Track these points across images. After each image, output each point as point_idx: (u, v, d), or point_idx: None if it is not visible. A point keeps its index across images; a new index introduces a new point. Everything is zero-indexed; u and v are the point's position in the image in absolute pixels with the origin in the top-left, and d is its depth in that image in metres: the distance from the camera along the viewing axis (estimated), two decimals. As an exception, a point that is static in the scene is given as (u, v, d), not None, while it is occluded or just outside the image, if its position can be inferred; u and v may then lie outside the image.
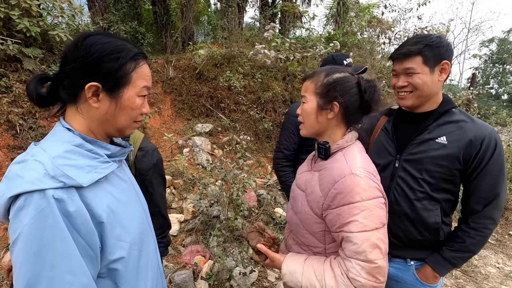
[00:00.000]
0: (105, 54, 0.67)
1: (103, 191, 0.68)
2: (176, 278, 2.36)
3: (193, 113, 5.26)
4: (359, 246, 0.82)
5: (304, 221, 0.98)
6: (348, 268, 0.85)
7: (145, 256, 0.77)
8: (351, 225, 0.83)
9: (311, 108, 0.96)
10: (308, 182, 0.99)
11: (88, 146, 0.68)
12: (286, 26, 7.51)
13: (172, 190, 3.43)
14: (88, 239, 0.62)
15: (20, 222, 0.57)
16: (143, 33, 7.32)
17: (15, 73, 3.21)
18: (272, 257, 1.00)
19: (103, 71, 0.67)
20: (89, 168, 0.65)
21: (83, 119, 0.70)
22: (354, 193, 0.83)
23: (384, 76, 5.86)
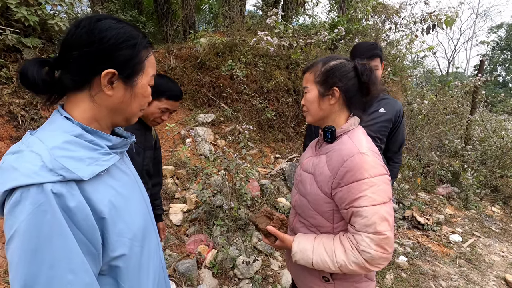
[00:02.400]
0: (123, 41, 0.64)
1: (104, 184, 0.64)
2: (180, 267, 2.38)
3: (195, 103, 5.22)
4: (369, 219, 0.87)
5: (313, 202, 1.02)
6: (358, 242, 0.89)
7: (147, 252, 0.74)
8: (361, 200, 0.88)
9: (313, 97, 1.02)
10: (316, 164, 1.03)
11: (88, 136, 0.63)
12: (289, 13, 7.35)
13: (175, 180, 3.43)
14: (89, 236, 0.59)
15: (16, 218, 0.53)
16: (144, 22, 7.21)
17: (15, 63, 3.18)
18: (282, 238, 1.04)
19: (121, 58, 0.64)
20: (90, 160, 0.61)
21: (90, 106, 0.65)
22: (362, 170, 0.89)
23: (389, 63, 5.74)
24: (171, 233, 2.78)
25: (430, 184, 4.82)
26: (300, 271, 1.11)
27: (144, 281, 0.73)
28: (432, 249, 3.33)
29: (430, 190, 4.86)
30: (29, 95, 3.12)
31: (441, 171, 4.99)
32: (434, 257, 3.19)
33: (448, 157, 5.19)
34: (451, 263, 3.10)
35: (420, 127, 5.31)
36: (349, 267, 0.90)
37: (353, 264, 0.90)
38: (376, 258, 0.88)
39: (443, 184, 5.06)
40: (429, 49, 6.23)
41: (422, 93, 6.11)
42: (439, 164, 4.87)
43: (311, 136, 1.87)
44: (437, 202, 4.47)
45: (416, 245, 3.37)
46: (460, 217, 4.25)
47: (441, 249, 3.38)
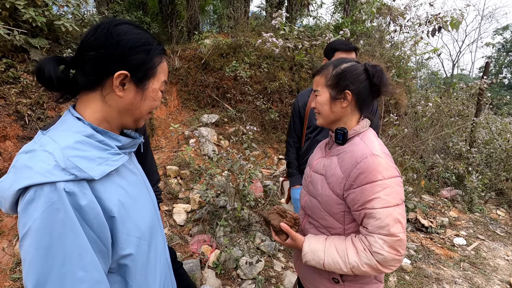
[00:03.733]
0: (138, 45, 0.66)
1: (113, 184, 0.65)
2: (184, 267, 2.39)
3: (199, 104, 5.24)
4: (382, 220, 0.87)
5: (324, 203, 1.02)
6: (370, 243, 0.89)
7: (154, 251, 0.76)
8: (374, 201, 0.88)
9: (325, 100, 1.02)
10: (327, 166, 1.03)
11: (98, 137, 0.65)
12: (293, 15, 7.35)
13: (179, 180, 3.45)
14: (100, 234, 0.60)
15: (29, 216, 0.54)
16: (148, 23, 7.25)
17: (22, 63, 3.22)
18: (294, 236, 1.04)
19: (135, 61, 0.66)
20: (100, 160, 0.62)
21: (101, 107, 0.67)
22: (376, 172, 0.89)
23: (393, 65, 5.72)
24: (174, 233, 2.80)
25: (434, 186, 4.80)
26: (309, 273, 1.12)
27: (151, 279, 0.74)
28: (436, 252, 3.31)
29: (434, 192, 4.83)
30: (36, 95, 3.15)
31: (446, 173, 4.96)
32: (438, 260, 3.17)
33: (452, 159, 5.16)
34: (455, 266, 3.08)
35: (424, 129, 5.28)
36: (362, 268, 0.90)
37: (365, 266, 0.90)
38: (389, 259, 0.88)
39: (447, 187, 5.03)
40: (434, 51, 6.21)
41: (427, 95, 6.08)
42: (444, 166, 4.84)
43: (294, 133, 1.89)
44: (441, 205, 4.44)
45: (419, 247, 3.36)
46: (464, 220, 4.22)
47: (445, 252, 3.36)
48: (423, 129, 5.33)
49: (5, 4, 2.99)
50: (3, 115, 2.91)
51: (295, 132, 1.92)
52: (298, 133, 1.90)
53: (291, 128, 1.95)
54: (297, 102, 1.87)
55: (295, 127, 1.91)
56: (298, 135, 1.90)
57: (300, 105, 1.86)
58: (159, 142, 4.31)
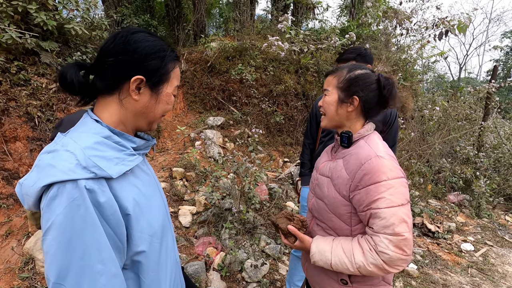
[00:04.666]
0: (154, 52, 0.70)
1: (128, 183, 0.69)
2: (189, 269, 2.40)
3: (204, 106, 5.27)
4: (387, 220, 0.88)
5: (330, 205, 1.04)
6: (376, 243, 0.90)
7: (165, 249, 0.78)
8: (379, 201, 0.89)
9: (332, 101, 1.05)
10: (333, 168, 1.05)
11: (115, 138, 0.68)
12: (298, 18, 7.38)
13: (184, 182, 3.47)
14: (116, 230, 0.63)
15: (53, 212, 0.57)
16: (155, 26, 7.33)
17: (33, 66, 3.28)
18: (302, 238, 1.06)
19: (150, 67, 0.70)
20: (117, 160, 0.66)
21: (118, 110, 0.71)
22: (380, 173, 0.90)
23: (400, 68, 5.70)
24: (180, 235, 2.81)
25: (441, 191, 4.74)
26: (317, 274, 1.13)
27: (162, 276, 0.76)
28: (442, 258, 3.27)
29: (441, 197, 4.78)
30: (46, 97, 3.21)
31: (453, 178, 4.90)
32: (445, 266, 3.13)
33: (460, 164, 5.11)
34: (462, 272, 3.03)
35: (431, 133, 5.24)
36: (368, 268, 0.91)
37: (371, 265, 0.91)
38: (395, 259, 0.88)
39: (455, 192, 4.97)
40: (441, 54, 6.17)
41: (433, 99, 6.03)
42: (451, 171, 4.79)
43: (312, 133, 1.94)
44: (448, 210, 4.39)
45: (426, 253, 3.32)
46: (472, 225, 4.17)
47: (452, 257, 3.32)
48: (429, 133, 5.28)
49: (18, 8, 3.06)
50: (14, 117, 2.97)
51: (311, 134, 2.00)
52: (314, 135, 1.97)
53: (307, 130, 2.03)
54: (315, 106, 1.95)
55: (311, 130, 1.99)
56: (314, 138, 1.97)
57: (317, 109, 1.93)
58: (165, 144, 4.35)
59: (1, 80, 2.99)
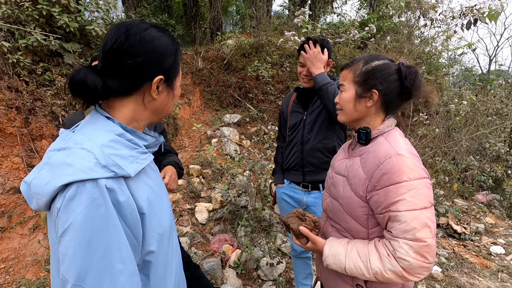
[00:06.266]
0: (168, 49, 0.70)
1: (142, 182, 0.68)
2: (205, 265, 2.42)
3: (221, 104, 5.29)
4: (408, 224, 0.81)
5: (346, 206, 0.98)
6: (395, 248, 0.84)
7: (172, 248, 0.78)
8: (399, 204, 0.83)
9: (350, 97, 0.98)
10: (350, 167, 0.99)
11: (128, 136, 0.68)
12: (316, 12, 7.22)
13: (201, 179, 3.50)
14: (134, 229, 0.63)
15: (72, 212, 0.56)
16: (173, 25, 7.44)
17: (57, 67, 3.42)
18: (314, 239, 1.01)
19: (167, 65, 0.70)
20: (132, 158, 0.65)
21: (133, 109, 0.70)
22: (401, 172, 0.84)
23: (423, 61, 5.44)
24: (196, 231, 2.84)
25: (468, 190, 4.50)
26: (332, 278, 1.08)
27: (168, 275, 0.76)
28: (469, 261, 3.10)
29: (468, 196, 4.53)
30: (69, 97, 3.33)
31: (481, 176, 4.63)
32: (472, 269, 2.96)
33: (489, 161, 4.81)
34: (492, 276, 2.86)
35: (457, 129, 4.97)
36: (385, 275, 0.85)
37: (389, 272, 0.84)
38: (415, 267, 0.82)
39: (483, 191, 4.70)
40: (468, 46, 5.82)
41: (460, 93, 5.71)
42: (479, 169, 4.52)
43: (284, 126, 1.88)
44: (476, 210, 4.15)
45: (451, 255, 3.16)
46: (502, 227, 3.92)
47: (480, 261, 3.14)
48: (456, 129, 5.01)
49: (42, 12, 3.19)
50: (40, 116, 3.10)
51: (281, 133, 1.93)
52: (284, 133, 1.90)
53: (278, 130, 1.97)
54: (283, 103, 1.89)
55: (281, 129, 1.93)
56: (284, 136, 1.90)
57: (284, 106, 1.88)
58: (183, 141, 4.41)
59: (28, 81, 3.14)
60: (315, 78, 1.53)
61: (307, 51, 1.55)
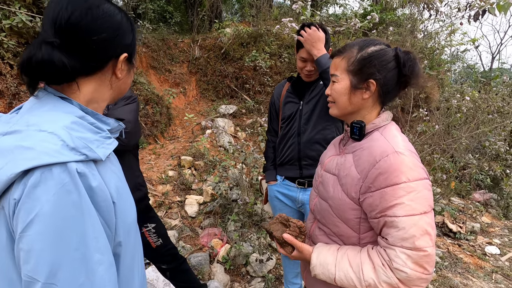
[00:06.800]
0: (128, 26, 0.66)
1: (109, 169, 0.62)
2: (192, 260, 2.35)
3: (217, 94, 5.17)
4: (406, 231, 0.74)
5: (336, 208, 0.89)
6: (391, 258, 0.76)
7: (137, 241, 0.73)
8: (396, 208, 0.75)
9: (343, 88, 0.87)
10: (341, 165, 0.90)
11: (89, 119, 0.61)
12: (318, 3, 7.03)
13: (192, 171, 3.41)
14: (107, 217, 0.58)
15: (37, 201, 0.49)
16: (171, 12, 7.24)
17: (45, 50, 3.27)
18: (300, 247, 0.91)
19: (128, 41, 0.66)
20: (98, 142, 0.59)
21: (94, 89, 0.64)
22: (399, 172, 0.75)
23: (426, 56, 5.31)
24: (185, 225, 2.76)
25: (465, 188, 4.43)
26: (318, 285, 0.99)
27: (136, 269, 0.71)
28: (464, 260, 3.04)
29: (465, 195, 4.47)
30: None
31: (479, 175, 4.56)
32: (466, 269, 2.91)
33: (488, 160, 4.74)
34: (486, 277, 2.81)
35: (457, 126, 4.88)
36: (379, 287, 0.77)
37: (384, 284, 0.76)
38: (413, 278, 0.74)
39: (481, 190, 4.64)
40: (472, 41, 5.69)
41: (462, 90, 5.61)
42: (477, 167, 4.45)
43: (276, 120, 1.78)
44: (472, 209, 4.10)
45: (446, 254, 3.10)
46: (498, 227, 3.87)
47: (475, 261, 3.09)
48: (455, 126, 4.92)
49: (28, -9, 3.03)
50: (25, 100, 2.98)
51: (272, 126, 1.83)
52: (275, 126, 1.80)
53: (268, 123, 1.86)
54: (273, 94, 1.79)
55: (272, 122, 1.82)
56: (275, 129, 1.80)
57: (275, 97, 1.77)
58: (176, 132, 4.30)
59: (12, 64, 3.00)
60: (318, 61, 1.41)
61: (303, 35, 1.44)
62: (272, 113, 1.81)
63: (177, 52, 5.56)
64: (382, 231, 0.79)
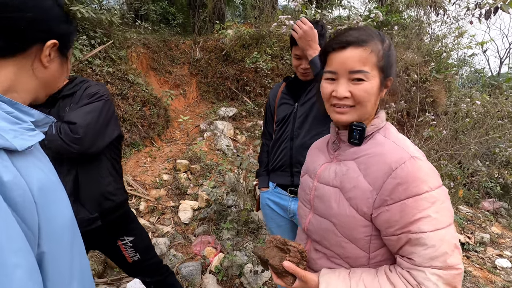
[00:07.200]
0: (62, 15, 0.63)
1: (31, 163, 0.54)
2: (183, 270, 2.22)
3: (218, 96, 5.07)
4: (436, 249, 0.64)
5: (342, 226, 0.76)
6: (419, 281, 0.65)
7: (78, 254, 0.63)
8: (421, 222, 0.65)
9: (374, 88, 0.73)
10: (343, 175, 0.77)
11: (5, 107, 0.53)
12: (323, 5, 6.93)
13: (188, 175, 3.29)
14: (26, 215, 0.49)
15: None
16: (173, 13, 7.20)
17: (39, 50, 3.21)
18: (304, 277, 0.76)
19: (61, 31, 0.63)
20: (15, 132, 0.51)
21: (12, 76, 0.58)
22: (420, 181, 0.66)
23: (432, 59, 5.15)
24: (178, 232, 2.64)
25: (474, 197, 4.24)
26: None
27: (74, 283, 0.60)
28: (473, 274, 2.87)
29: (474, 203, 4.29)
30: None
31: (489, 183, 4.37)
32: (475, 284, 2.74)
33: (498, 167, 4.55)
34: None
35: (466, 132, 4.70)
36: None
37: None
38: None
39: (490, 198, 4.44)
40: (481, 44, 5.52)
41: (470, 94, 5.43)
42: (487, 175, 4.27)
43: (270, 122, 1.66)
44: (481, 218, 3.92)
45: (453, 267, 2.93)
46: (509, 238, 3.68)
47: (485, 274, 2.91)
48: (464, 132, 4.75)
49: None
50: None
51: (267, 129, 1.72)
52: (271, 129, 1.68)
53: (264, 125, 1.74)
54: (269, 95, 1.69)
55: (267, 124, 1.71)
56: (270, 132, 1.68)
57: (271, 98, 1.66)
58: (174, 134, 4.20)
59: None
60: (313, 61, 1.30)
61: (297, 30, 1.31)
62: (268, 115, 1.69)
63: (178, 53, 5.49)
64: (402, 249, 0.68)
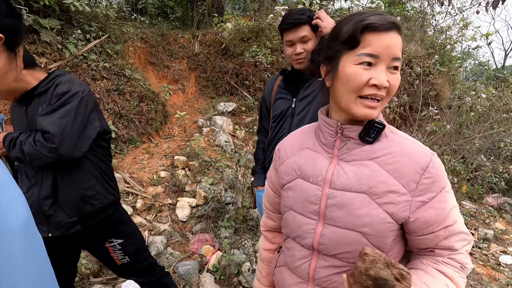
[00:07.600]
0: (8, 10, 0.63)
1: None
2: (180, 269, 2.18)
3: (217, 91, 4.99)
4: (463, 230, 0.70)
5: (377, 235, 0.68)
6: (462, 262, 0.70)
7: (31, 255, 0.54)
8: (453, 213, 0.68)
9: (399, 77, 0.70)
10: (369, 178, 0.68)
11: None
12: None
13: (186, 172, 3.24)
14: None
15: None
16: (172, 6, 7.08)
17: (33, 45, 3.14)
18: None
19: (6, 25, 0.62)
20: None
21: None
22: (442, 175, 0.69)
23: (436, 52, 5.03)
24: (175, 229, 2.59)
25: (478, 192, 4.17)
26: None
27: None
28: (476, 271, 2.82)
29: (477, 199, 4.21)
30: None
31: (493, 178, 4.29)
32: (479, 281, 2.68)
33: (503, 162, 4.46)
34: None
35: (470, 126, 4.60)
36: None
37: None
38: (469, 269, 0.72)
39: (494, 193, 4.36)
40: (486, 36, 5.38)
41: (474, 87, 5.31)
42: (491, 169, 4.18)
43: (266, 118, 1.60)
44: (485, 214, 3.85)
45: (456, 264, 2.88)
46: (513, 234, 3.61)
47: (488, 271, 2.85)
48: (468, 126, 4.65)
49: (15, -18, 2.89)
50: (11, 97, 2.85)
51: (262, 125, 1.64)
52: (266, 125, 1.60)
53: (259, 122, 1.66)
54: (265, 89, 1.59)
55: (262, 120, 1.63)
56: (266, 128, 1.60)
57: (267, 92, 1.57)
58: (172, 130, 4.14)
59: (-2, 58, 2.87)
60: None
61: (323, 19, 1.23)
62: (263, 110, 1.61)
63: (176, 47, 5.39)
64: (439, 244, 0.70)
